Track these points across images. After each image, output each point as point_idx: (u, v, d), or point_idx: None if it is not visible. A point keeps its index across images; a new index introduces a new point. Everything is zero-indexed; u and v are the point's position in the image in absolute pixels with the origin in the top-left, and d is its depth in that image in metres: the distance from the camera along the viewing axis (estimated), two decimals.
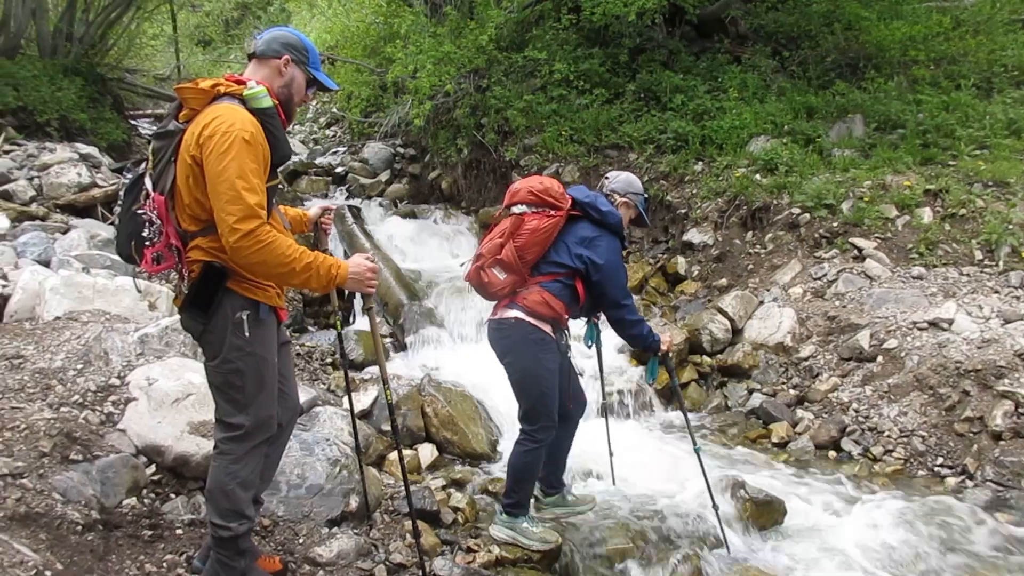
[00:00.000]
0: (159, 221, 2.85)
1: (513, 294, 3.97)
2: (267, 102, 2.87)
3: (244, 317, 2.94)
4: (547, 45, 11.01)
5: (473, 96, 10.78)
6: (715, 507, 4.37)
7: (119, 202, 3.00)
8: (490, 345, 4.17)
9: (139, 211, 2.88)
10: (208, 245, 2.88)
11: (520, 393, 4.07)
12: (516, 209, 3.95)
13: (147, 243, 2.86)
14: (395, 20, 12.66)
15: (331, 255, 3.09)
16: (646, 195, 4.42)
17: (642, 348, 4.25)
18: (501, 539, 4.17)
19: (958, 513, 4.66)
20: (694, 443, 4.48)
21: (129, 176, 3.01)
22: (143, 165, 3.00)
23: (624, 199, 4.21)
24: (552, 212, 3.91)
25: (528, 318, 3.93)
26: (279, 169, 3.04)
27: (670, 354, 4.38)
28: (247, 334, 2.94)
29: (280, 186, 3.25)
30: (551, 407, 4.05)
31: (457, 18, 11.25)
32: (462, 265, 4.63)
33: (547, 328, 3.98)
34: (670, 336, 4.34)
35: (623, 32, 10.81)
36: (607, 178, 4.32)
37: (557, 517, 4.38)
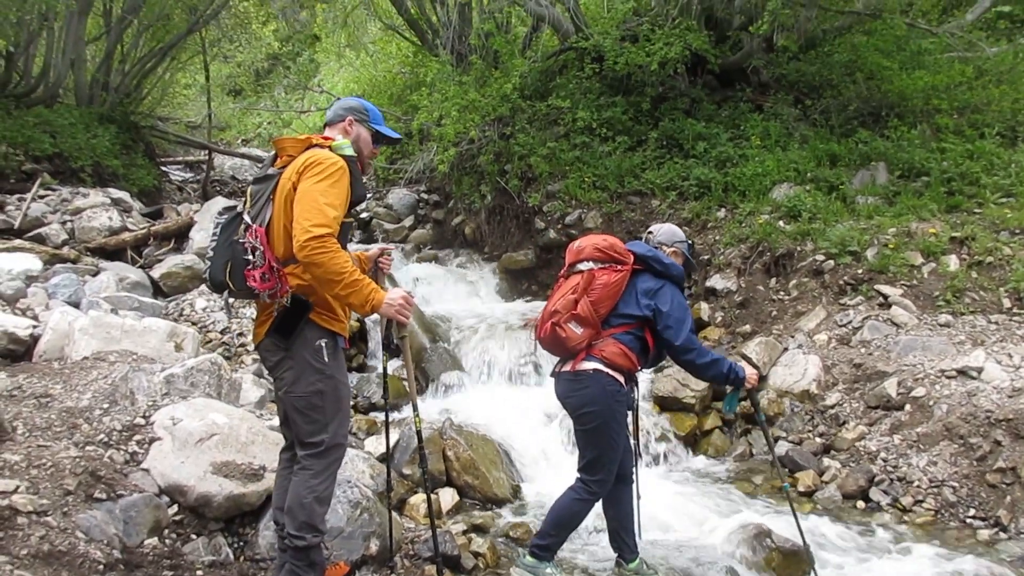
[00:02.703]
0: (262, 247, 3.23)
1: (588, 347, 4.02)
2: (350, 151, 3.39)
3: (323, 344, 3.33)
4: (570, 93, 11.16)
5: (497, 143, 10.92)
6: (806, 546, 4.32)
7: (213, 237, 3.38)
8: (561, 397, 4.19)
9: (240, 241, 3.27)
10: (299, 271, 3.25)
11: (589, 444, 4.08)
12: (582, 266, 4.10)
13: (251, 266, 3.23)
14: (421, 69, 12.92)
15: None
16: (689, 241, 4.53)
17: (727, 385, 4.23)
18: None
19: (992, 566, 4.54)
20: (783, 481, 4.51)
21: (224, 216, 3.40)
22: (239, 206, 3.45)
23: (672, 249, 4.31)
24: (619, 267, 4.04)
25: (607, 369, 3.98)
26: (355, 208, 3.47)
27: (756, 388, 4.30)
28: (326, 359, 3.33)
29: (353, 223, 3.65)
30: (615, 461, 4.10)
31: (482, 67, 11.45)
32: (524, 326, 4.76)
33: (622, 379, 4.04)
34: (756, 372, 4.24)
35: (646, 81, 10.93)
36: (651, 232, 4.41)
37: None
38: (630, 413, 4.31)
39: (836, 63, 11.39)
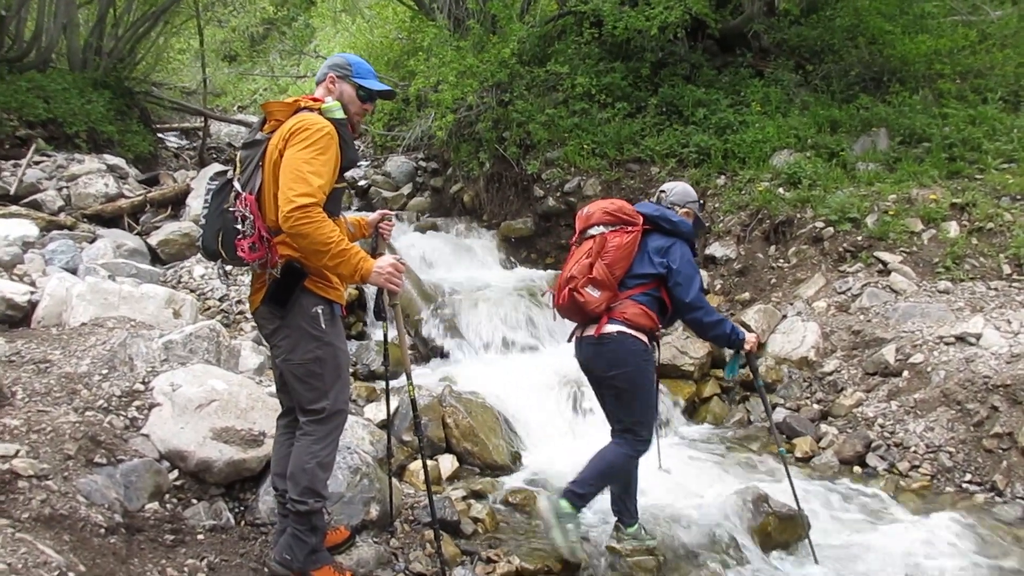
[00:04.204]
0: (252, 216, 3.18)
1: (608, 310, 4.04)
2: (340, 113, 3.29)
3: (319, 311, 3.29)
4: (569, 59, 11.04)
5: (495, 110, 10.82)
6: (800, 510, 4.43)
7: (205, 204, 3.34)
8: (586, 361, 4.20)
9: (230, 209, 3.22)
10: (289, 240, 3.16)
11: (625, 405, 4.11)
12: (593, 231, 4.11)
13: (240, 235, 3.18)
14: (418, 35, 12.76)
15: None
16: (701, 201, 4.50)
17: (727, 347, 4.30)
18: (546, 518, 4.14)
19: (987, 531, 4.59)
20: (779, 446, 4.61)
21: (215, 183, 3.33)
22: (229, 172, 3.37)
23: (685, 209, 4.33)
24: (629, 228, 4.06)
25: (631, 331, 4.01)
26: (346, 173, 3.41)
27: (754, 353, 4.40)
28: (323, 326, 3.29)
29: (346, 189, 3.56)
30: (655, 416, 4.22)
31: (480, 32, 11.31)
32: (543, 295, 4.80)
33: (646, 339, 4.07)
34: (756, 336, 4.34)
35: (645, 46, 10.82)
36: (663, 191, 4.42)
37: (633, 550, 4.28)
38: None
39: (838, 27, 11.26)
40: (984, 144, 8.60)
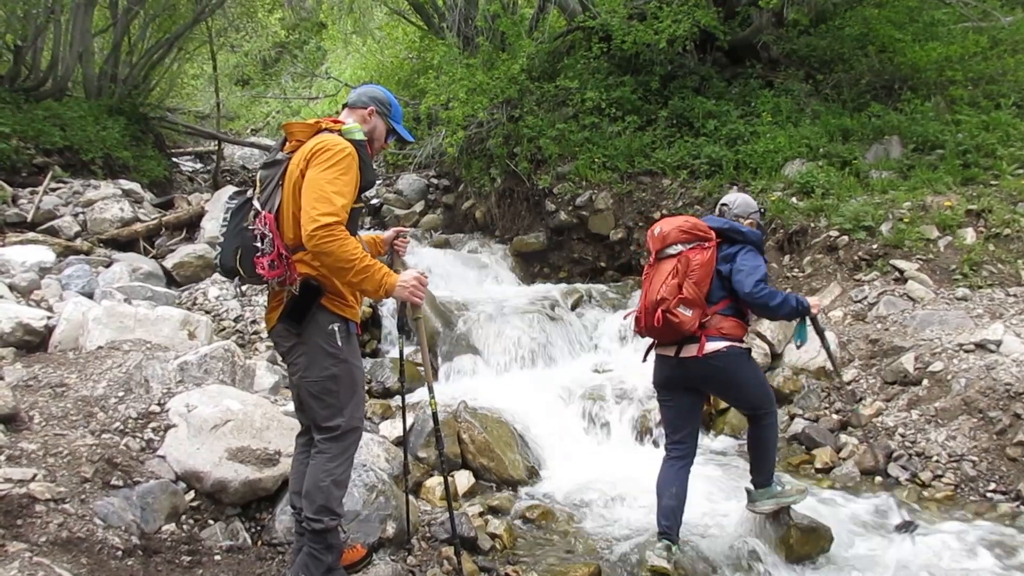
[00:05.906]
0: (271, 235, 3.21)
1: (702, 327, 4.13)
2: (360, 136, 3.36)
3: (336, 328, 3.32)
4: (578, 74, 11.08)
5: (506, 126, 10.86)
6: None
7: (223, 222, 3.40)
8: (685, 378, 4.31)
9: (249, 227, 3.28)
10: (308, 258, 3.22)
11: (749, 398, 4.36)
12: (672, 251, 4.20)
13: (259, 253, 3.22)
14: (428, 54, 12.85)
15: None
16: (762, 210, 4.67)
17: (797, 317, 4.38)
18: (769, 511, 4.39)
19: (1013, 540, 4.51)
20: (851, 404, 4.77)
21: (234, 201, 3.41)
22: (249, 191, 3.43)
23: (749, 220, 4.45)
24: (706, 244, 4.17)
25: (735, 343, 4.18)
26: (364, 194, 3.45)
27: (819, 316, 4.50)
28: (339, 343, 3.33)
29: (364, 209, 3.61)
30: (771, 393, 4.45)
31: (489, 49, 11.37)
32: (626, 318, 4.93)
33: (743, 346, 4.27)
34: (819, 299, 4.40)
35: (654, 59, 10.84)
36: (725, 204, 4.53)
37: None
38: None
39: (847, 36, 11.26)
40: (998, 150, 8.53)
